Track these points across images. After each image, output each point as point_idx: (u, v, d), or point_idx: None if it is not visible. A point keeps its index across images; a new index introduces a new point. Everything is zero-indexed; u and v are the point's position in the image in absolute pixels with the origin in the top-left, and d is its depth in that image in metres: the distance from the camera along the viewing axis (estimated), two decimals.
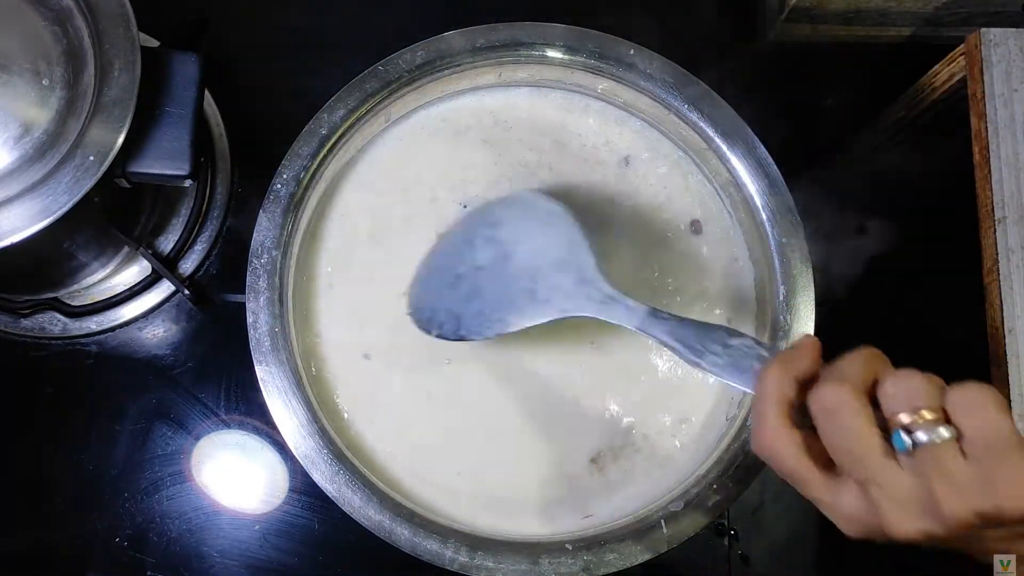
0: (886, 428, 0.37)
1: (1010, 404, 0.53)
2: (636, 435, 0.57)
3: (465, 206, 0.59)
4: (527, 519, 0.55)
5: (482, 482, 0.56)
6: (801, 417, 0.39)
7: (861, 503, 0.38)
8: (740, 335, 0.44)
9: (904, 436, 0.36)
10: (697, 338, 0.44)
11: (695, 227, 0.60)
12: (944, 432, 0.35)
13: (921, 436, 0.36)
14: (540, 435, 0.57)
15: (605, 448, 0.57)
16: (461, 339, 0.53)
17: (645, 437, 0.57)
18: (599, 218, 0.60)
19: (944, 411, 0.36)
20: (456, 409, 0.57)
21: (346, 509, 0.51)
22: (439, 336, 0.53)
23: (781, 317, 0.55)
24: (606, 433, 0.57)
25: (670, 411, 0.57)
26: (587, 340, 0.58)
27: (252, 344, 0.53)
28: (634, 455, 0.57)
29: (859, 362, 0.39)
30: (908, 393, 0.36)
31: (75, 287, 0.64)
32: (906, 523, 0.36)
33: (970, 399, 0.36)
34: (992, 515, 0.35)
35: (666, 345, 0.45)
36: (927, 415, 0.36)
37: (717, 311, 0.59)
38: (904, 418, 0.36)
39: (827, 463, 0.39)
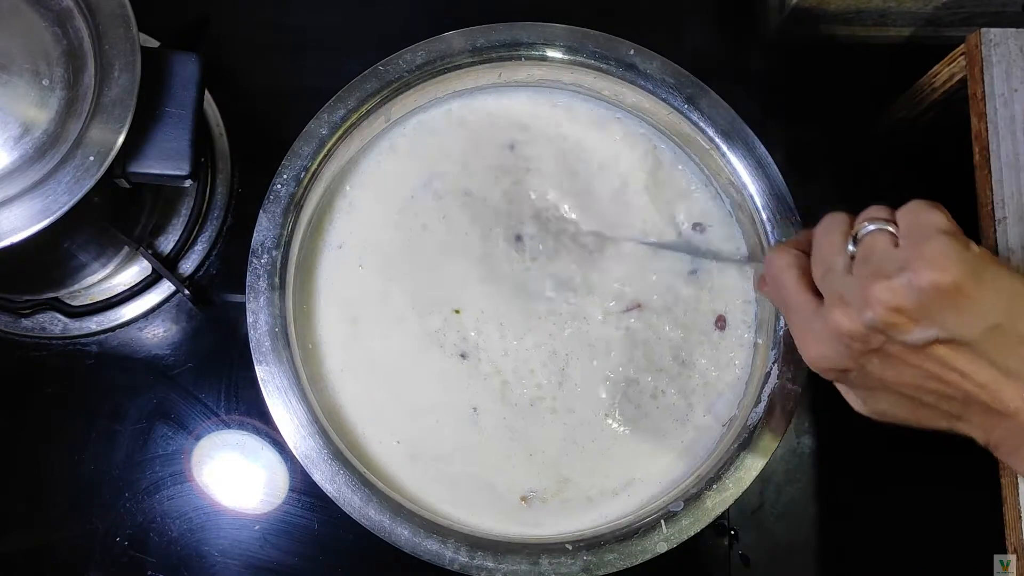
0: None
1: None
2: (573, 488, 0.56)
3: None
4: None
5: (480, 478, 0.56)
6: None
7: (824, 324, 0.41)
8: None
9: (851, 242, 0.41)
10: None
11: (698, 228, 0.60)
12: (881, 225, 0.40)
13: (863, 231, 0.40)
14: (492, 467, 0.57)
15: (539, 489, 0.56)
16: None
17: (586, 496, 0.56)
18: (601, 215, 0.60)
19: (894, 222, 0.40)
20: (450, 413, 0.57)
21: (346, 509, 0.51)
22: None
23: (781, 317, 0.55)
24: (542, 479, 0.56)
25: (614, 477, 0.57)
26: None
27: (252, 344, 0.53)
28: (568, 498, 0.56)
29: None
30: (870, 212, 0.41)
31: (75, 287, 0.64)
32: (847, 320, 0.39)
33: (910, 206, 0.40)
34: (911, 288, 0.36)
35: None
36: (875, 222, 0.40)
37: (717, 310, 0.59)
38: (859, 227, 0.41)
39: (816, 292, 0.42)
